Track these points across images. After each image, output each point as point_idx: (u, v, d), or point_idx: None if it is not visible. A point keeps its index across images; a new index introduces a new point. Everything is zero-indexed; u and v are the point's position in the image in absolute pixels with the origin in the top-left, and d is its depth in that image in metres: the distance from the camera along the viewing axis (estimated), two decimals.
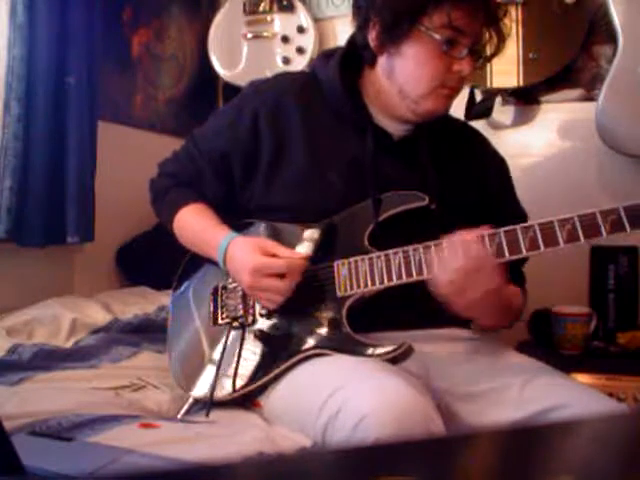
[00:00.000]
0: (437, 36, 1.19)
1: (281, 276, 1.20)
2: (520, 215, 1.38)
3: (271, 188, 1.31)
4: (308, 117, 1.31)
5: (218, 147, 1.35)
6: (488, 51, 1.28)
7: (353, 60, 1.31)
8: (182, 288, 1.42)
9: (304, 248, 1.27)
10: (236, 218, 1.36)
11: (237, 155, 1.33)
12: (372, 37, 1.25)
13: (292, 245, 1.27)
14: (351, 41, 1.32)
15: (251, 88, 1.38)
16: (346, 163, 1.29)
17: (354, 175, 1.28)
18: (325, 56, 1.36)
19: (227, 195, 1.37)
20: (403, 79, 1.24)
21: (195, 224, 1.34)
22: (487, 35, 1.26)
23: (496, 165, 1.43)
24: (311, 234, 1.28)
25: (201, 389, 1.25)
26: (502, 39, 1.28)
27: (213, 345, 1.29)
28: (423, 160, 1.30)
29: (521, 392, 1.15)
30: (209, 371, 1.26)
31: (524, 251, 1.11)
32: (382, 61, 1.26)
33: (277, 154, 1.30)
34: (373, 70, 1.29)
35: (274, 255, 1.21)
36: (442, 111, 1.27)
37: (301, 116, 1.31)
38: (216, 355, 1.26)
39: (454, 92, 1.26)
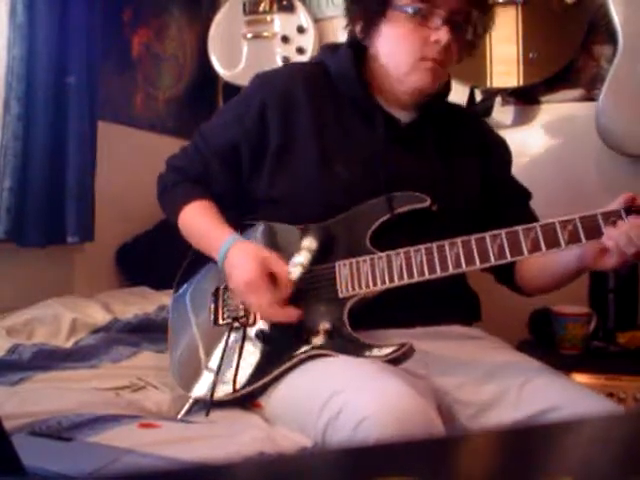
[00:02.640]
0: (408, 9, 1.23)
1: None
2: (524, 192, 1.44)
3: (278, 178, 1.32)
4: (317, 106, 1.32)
5: (226, 139, 1.35)
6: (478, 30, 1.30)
7: (356, 53, 1.33)
8: (183, 288, 1.42)
9: (301, 256, 1.26)
10: (242, 212, 1.37)
11: (245, 146, 1.33)
12: (358, 29, 1.31)
13: (288, 249, 1.27)
14: (351, 35, 1.34)
15: (258, 79, 1.38)
16: (354, 154, 1.30)
17: (361, 166, 1.29)
18: (330, 48, 1.39)
19: (234, 189, 1.37)
20: (387, 59, 1.29)
21: (198, 223, 1.34)
22: (475, 13, 1.28)
23: (499, 147, 1.46)
24: (310, 242, 1.27)
25: (201, 389, 1.25)
26: (487, 13, 1.30)
27: (214, 345, 1.29)
28: (430, 150, 1.33)
29: (519, 393, 1.15)
30: (209, 371, 1.26)
31: (525, 252, 1.11)
32: (371, 49, 1.31)
33: (285, 144, 1.31)
34: (370, 60, 1.33)
35: (271, 272, 1.21)
36: (429, 85, 1.28)
37: (310, 105, 1.31)
38: (217, 355, 1.26)
39: (437, 64, 1.26)
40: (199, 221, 1.34)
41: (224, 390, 1.22)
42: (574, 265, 1.21)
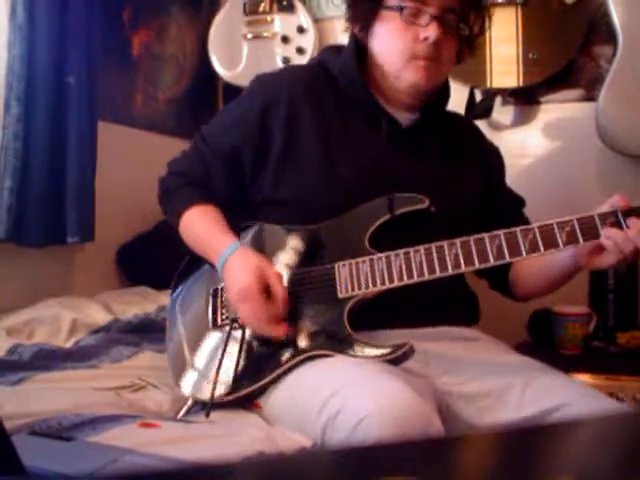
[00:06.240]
0: (397, 9, 1.25)
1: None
2: (519, 200, 1.47)
3: (281, 180, 1.31)
4: (319, 108, 1.32)
5: (228, 142, 1.34)
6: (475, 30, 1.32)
7: (358, 54, 1.34)
8: (180, 290, 1.42)
9: (289, 255, 1.27)
10: (244, 214, 1.36)
11: (247, 148, 1.32)
12: (357, 30, 1.33)
13: (278, 251, 1.28)
14: (353, 37, 1.35)
15: (258, 81, 1.38)
16: (356, 155, 1.30)
17: (364, 168, 1.29)
18: (332, 49, 1.40)
19: (236, 192, 1.36)
20: (381, 58, 1.31)
21: (200, 228, 1.33)
22: (472, 13, 1.30)
23: (495, 156, 1.49)
24: (296, 243, 1.27)
25: (201, 390, 1.25)
26: (481, 11, 1.32)
27: (212, 346, 1.29)
28: (431, 153, 1.34)
29: (522, 393, 1.15)
30: (209, 372, 1.26)
31: (524, 253, 1.12)
32: (369, 48, 1.33)
33: (288, 145, 1.30)
34: (370, 60, 1.34)
35: (267, 282, 1.21)
36: (422, 83, 1.29)
37: (312, 107, 1.31)
38: (216, 356, 1.25)
39: (430, 62, 1.27)
40: (200, 227, 1.33)
41: (224, 391, 1.22)
42: (569, 265, 1.22)
